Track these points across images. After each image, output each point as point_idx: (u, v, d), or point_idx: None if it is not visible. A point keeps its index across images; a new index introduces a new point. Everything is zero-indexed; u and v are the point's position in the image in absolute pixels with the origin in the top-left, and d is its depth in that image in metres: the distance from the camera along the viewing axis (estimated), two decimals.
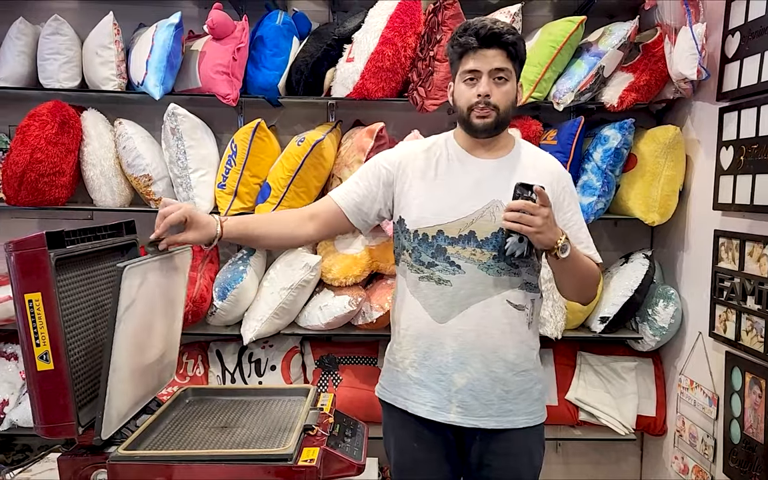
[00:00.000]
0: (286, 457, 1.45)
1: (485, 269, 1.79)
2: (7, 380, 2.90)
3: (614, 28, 2.79)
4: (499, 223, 1.76)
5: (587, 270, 1.83)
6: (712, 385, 2.55)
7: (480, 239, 1.78)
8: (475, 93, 1.78)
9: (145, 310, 1.56)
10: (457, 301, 1.80)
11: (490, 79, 1.77)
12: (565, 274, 1.81)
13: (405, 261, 1.89)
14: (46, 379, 1.41)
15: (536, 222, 1.62)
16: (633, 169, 2.83)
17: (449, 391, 1.82)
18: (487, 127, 1.80)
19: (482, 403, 1.82)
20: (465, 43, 1.77)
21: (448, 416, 1.82)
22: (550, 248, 1.68)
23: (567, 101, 2.75)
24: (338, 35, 2.84)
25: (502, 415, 1.83)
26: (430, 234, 1.81)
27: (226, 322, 2.93)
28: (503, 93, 1.79)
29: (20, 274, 1.40)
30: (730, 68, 2.45)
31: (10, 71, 2.86)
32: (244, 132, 2.78)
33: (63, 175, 2.78)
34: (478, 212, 1.79)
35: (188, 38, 2.98)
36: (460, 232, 1.79)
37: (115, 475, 1.44)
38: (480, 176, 1.84)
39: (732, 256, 2.40)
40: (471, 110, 1.79)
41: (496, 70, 1.76)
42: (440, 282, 1.81)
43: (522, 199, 1.63)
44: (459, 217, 1.80)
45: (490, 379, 1.81)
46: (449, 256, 1.80)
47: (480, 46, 1.76)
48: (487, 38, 1.75)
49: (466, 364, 1.81)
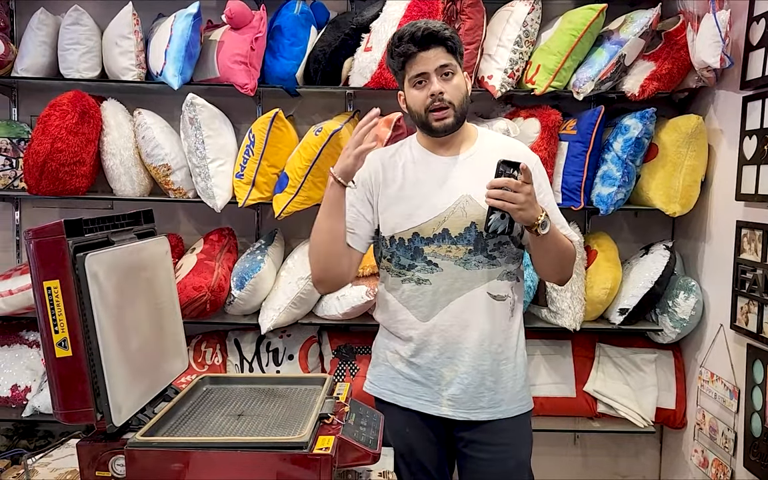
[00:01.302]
0: (302, 445, 1.45)
1: (462, 264, 1.83)
2: (30, 367, 2.95)
3: (636, 16, 2.75)
4: (470, 217, 1.81)
5: (565, 248, 1.86)
6: (733, 378, 2.52)
7: (454, 236, 1.82)
8: (427, 94, 1.80)
9: (122, 297, 1.56)
10: (437, 298, 1.85)
11: (438, 76, 1.79)
12: (544, 252, 1.82)
13: (384, 267, 1.95)
14: (64, 365, 1.43)
15: (519, 199, 1.64)
16: (654, 159, 2.79)
17: (439, 385, 1.87)
18: (448, 127, 1.83)
19: (472, 396, 1.86)
20: (404, 51, 1.80)
21: (441, 410, 1.88)
22: (531, 225, 1.70)
23: (587, 90, 2.72)
24: (356, 24, 2.83)
25: (493, 406, 1.88)
26: (406, 238, 1.86)
27: (244, 312, 2.94)
28: (454, 87, 1.81)
29: (39, 261, 1.41)
30: (754, 56, 2.40)
31: (32, 61, 2.88)
32: (261, 122, 2.79)
33: (83, 164, 2.80)
34: (449, 209, 1.83)
35: (207, 28, 2.99)
36: (434, 231, 1.83)
37: (132, 461, 1.45)
38: (446, 173, 1.87)
39: (754, 247, 2.37)
40: (428, 112, 1.81)
41: (441, 67, 1.80)
42: (420, 282, 1.86)
43: (505, 177, 1.65)
44: (431, 217, 1.84)
45: (478, 372, 1.86)
46: (426, 256, 1.85)
47: (419, 50, 1.79)
48: (424, 39, 1.78)
49: (454, 359, 1.86)
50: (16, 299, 2.77)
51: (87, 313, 1.43)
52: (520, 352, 1.95)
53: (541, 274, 1.99)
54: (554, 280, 1.98)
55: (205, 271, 2.78)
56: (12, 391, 2.88)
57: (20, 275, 2.85)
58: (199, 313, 2.77)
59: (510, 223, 1.71)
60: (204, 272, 2.77)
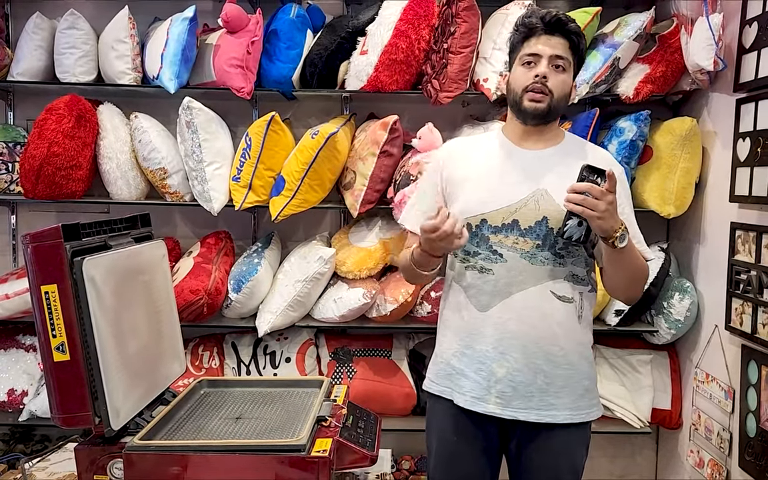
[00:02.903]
0: (299, 448, 1.46)
1: (528, 258, 1.77)
2: (26, 371, 2.94)
3: (630, 19, 2.76)
4: (543, 212, 1.76)
5: (639, 265, 1.80)
6: (728, 379, 2.53)
7: (523, 228, 1.77)
8: (532, 75, 1.77)
9: (120, 301, 1.57)
10: (498, 289, 1.78)
11: (549, 64, 1.76)
12: (618, 266, 1.76)
13: (452, 252, 1.88)
14: (62, 369, 1.43)
15: (600, 206, 1.58)
16: (649, 161, 2.81)
17: (489, 380, 1.79)
18: (539, 113, 1.78)
19: (522, 394, 1.78)
20: (530, 24, 1.78)
21: (487, 406, 1.79)
22: (609, 236, 1.64)
23: (582, 93, 2.74)
24: (352, 28, 2.84)
25: (542, 408, 1.79)
26: (474, 223, 1.80)
27: (242, 315, 2.95)
28: (560, 80, 1.78)
29: (37, 266, 1.42)
30: (747, 59, 2.42)
31: (28, 66, 2.89)
32: (258, 125, 2.79)
33: (80, 168, 2.81)
34: (523, 200, 1.78)
35: (203, 32, 2.99)
36: (504, 220, 1.78)
37: (130, 465, 1.46)
38: (527, 166, 1.82)
39: (748, 248, 2.38)
40: (525, 92, 1.78)
41: (556, 56, 1.77)
42: (482, 270, 1.80)
43: (587, 182, 1.59)
44: (503, 206, 1.78)
45: (530, 369, 1.78)
46: (491, 245, 1.79)
47: (545, 31, 1.77)
48: (552, 24, 1.77)
49: (506, 353, 1.78)
50: (13, 303, 2.77)
51: (84, 317, 1.43)
52: (586, 361, 1.85)
53: (609, 290, 1.89)
54: (621, 298, 1.94)
55: (202, 275, 2.78)
56: (9, 395, 2.88)
57: (17, 279, 2.85)
58: (196, 317, 2.77)
59: (587, 232, 1.64)
60: (201, 275, 2.77)
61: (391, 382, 2.93)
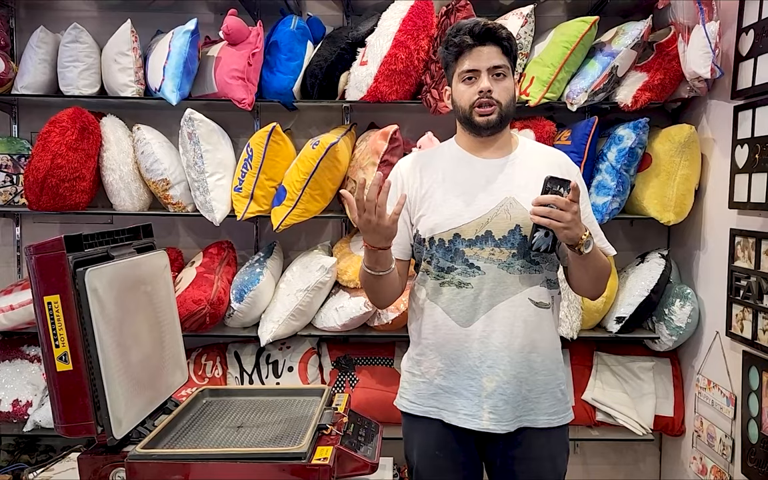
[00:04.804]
0: (300, 456, 1.47)
1: (506, 268, 1.77)
2: (31, 382, 2.96)
3: (627, 28, 2.78)
4: (515, 220, 1.76)
5: (603, 264, 1.83)
6: (730, 385, 2.54)
7: (497, 238, 1.77)
8: (476, 90, 1.78)
9: (122, 311, 1.58)
10: (479, 302, 1.78)
11: (489, 76, 1.77)
12: (583, 269, 1.79)
13: (424, 270, 1.87)
14: (65, 379, 1.45)
15: (566, 217, 1.60)
16: (648, 168, 2.82)
17: (479, 396, 1.78)
18: (491, 125, 1.79)
19: (512, 406, 1.79)
20: (460, 42, 1.78)
21: (481, 423, 1.78)
22: (575, 244, 1.66)
23: (581, 101, 2.75)
24: (352, 39, 2.86)
25: (524, 414, 1.81)
26: (446, 239, 1.80)
27: (244, 324, 2.96)
28: (504, 88, 1.79)
29: (40, 277, 1.44)
30: (744, 66, 2.43)
31: (32, 79, 2.92)
32: (259, 136, 2.81)
33: (83, 180, 2.83)
34: (493, 210, 1.78)
35: (204, 44, 3.02)
36: (477, 232, 1.78)
37: (133, 473, 1.47)
38: (489, 175, 1.83)
39: (748, 254, 2.39)
40: (473, 108, 1.79)
41: (494, 67, 1.77)
42: (461, 285, 1.79)
43: (551, 194, 1.61)
44: (474, 218, 1.78)
45: (517, 380, 1.79)
46: (467, 259, 1.78)
47: (475, 44, 1.77)
48: (481, 35, 1.76)
49: (494, 367, 1.78)
50: (17, 314, 2.80)
51: (87, 327, 1.45)
52: (560, 365, 1.88)
53: (575, 289, 1.92)
54: (588, 296, 1.96)
55: (204, 285, 2.80)
56: (13, 406, 2.89)
57: (21, 290, 2.88)
58: (198, 326, 2.79)
59: (554, 242, 1.68)
60: (203, 285, 2.79)
61: (394, 390, 2.91)
